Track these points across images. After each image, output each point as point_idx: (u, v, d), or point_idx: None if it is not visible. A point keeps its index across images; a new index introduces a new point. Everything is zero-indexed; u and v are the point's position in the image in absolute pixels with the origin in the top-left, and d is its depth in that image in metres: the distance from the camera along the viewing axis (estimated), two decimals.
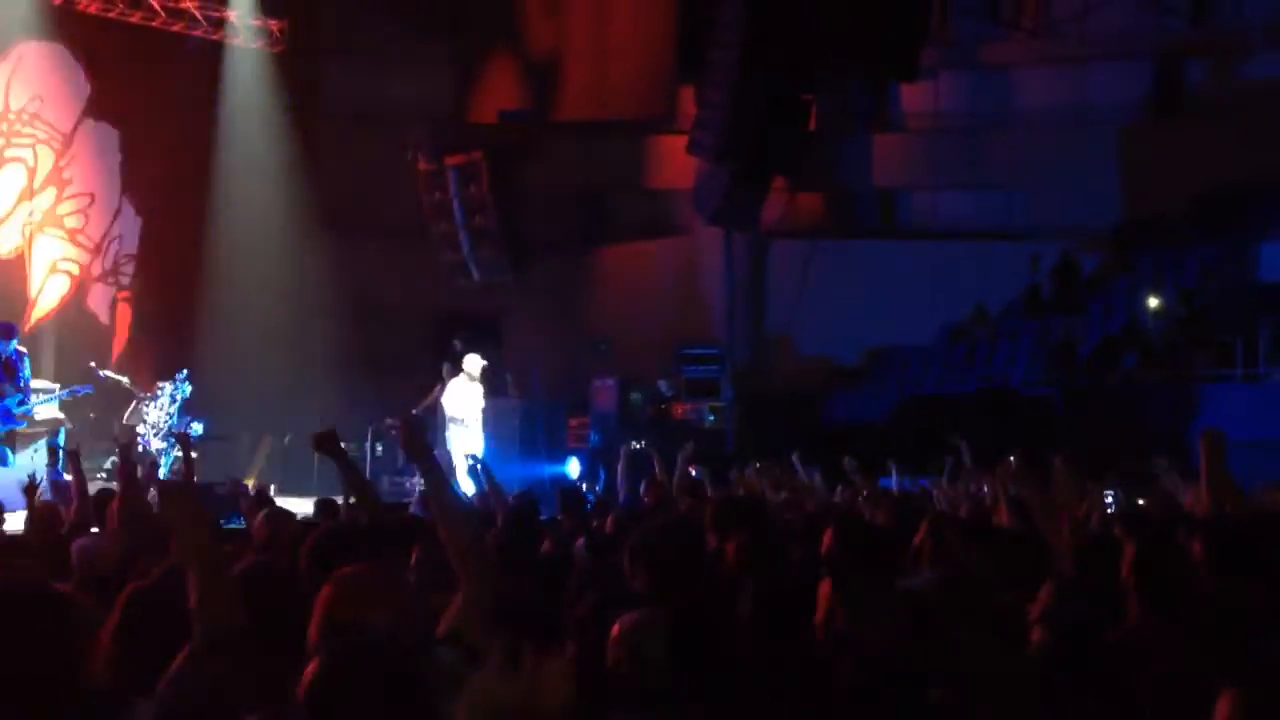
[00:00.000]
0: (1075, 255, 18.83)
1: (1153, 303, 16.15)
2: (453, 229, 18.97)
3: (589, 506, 8.50)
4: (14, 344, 13.01)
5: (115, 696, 3.53)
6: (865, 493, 7.69)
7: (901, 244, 19.45)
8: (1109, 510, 7.49)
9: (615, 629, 3.79)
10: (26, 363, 13.18)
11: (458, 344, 15.91)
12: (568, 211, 20.38)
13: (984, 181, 19.69)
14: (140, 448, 13.53)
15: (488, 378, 14.74)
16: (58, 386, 14.20)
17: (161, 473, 12.99)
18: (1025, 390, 16.29)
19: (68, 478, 8.12)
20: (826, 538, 5.67)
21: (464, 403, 14.41)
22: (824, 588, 3.73)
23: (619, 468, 10.24)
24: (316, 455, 15.64)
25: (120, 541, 5.53)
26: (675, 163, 19.34)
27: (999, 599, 4.47)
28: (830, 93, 18.69)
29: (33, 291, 16.61)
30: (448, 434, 14.28)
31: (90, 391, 14.01)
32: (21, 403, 12.87)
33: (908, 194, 20.65)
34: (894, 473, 9.34)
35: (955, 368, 17.65)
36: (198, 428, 14.15)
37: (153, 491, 7.04)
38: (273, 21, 17.98)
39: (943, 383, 17.26)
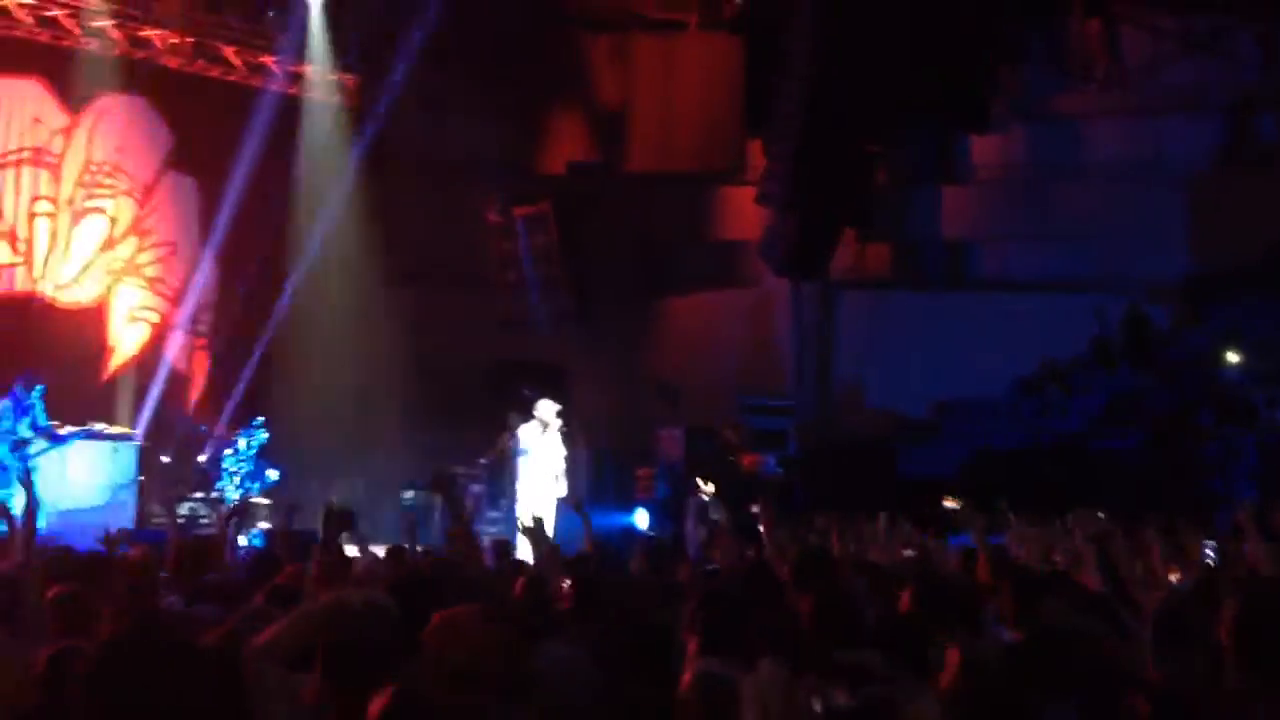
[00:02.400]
0: (1144, 308, 18.62)
1: (1228, 357, 15.93)
2: (520, 278, 19.15)
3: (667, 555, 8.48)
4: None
5: None
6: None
7: (971, 296, 19.32)
8: (1209, 564, 7.38)
9: (687, 679, 3.82)
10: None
11: (526, 392, 15.96)
12: (634, 262, 20.49)
13: (1054, 233, 19.55)
14: (215, 494, 13.77)
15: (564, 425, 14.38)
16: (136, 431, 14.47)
17: None
18: (1098, 445, 16.08)
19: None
20: (904, 598, 5.68)
21: (543, 451, 14.00)
22: (951, 655, 3.73)
23: (688, 519, 10.25)
24: (389, 503, 15.75)
25: None
26: (742, 214, 19.42)
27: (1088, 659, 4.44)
28: (899, 144, 18.71)
29: (112, 339, 16.93)
30: (520, 487, 13.88)
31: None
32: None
33: (977, 246, 20.54)
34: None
35: (1026, 421, 17.46)
36: (273, 475, 14.32)
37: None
38: (347, 76, 18.34)
39: (1013, 437, 17.07)
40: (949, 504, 7.40)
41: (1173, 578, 7.01)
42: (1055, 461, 15.23)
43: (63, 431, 13.27)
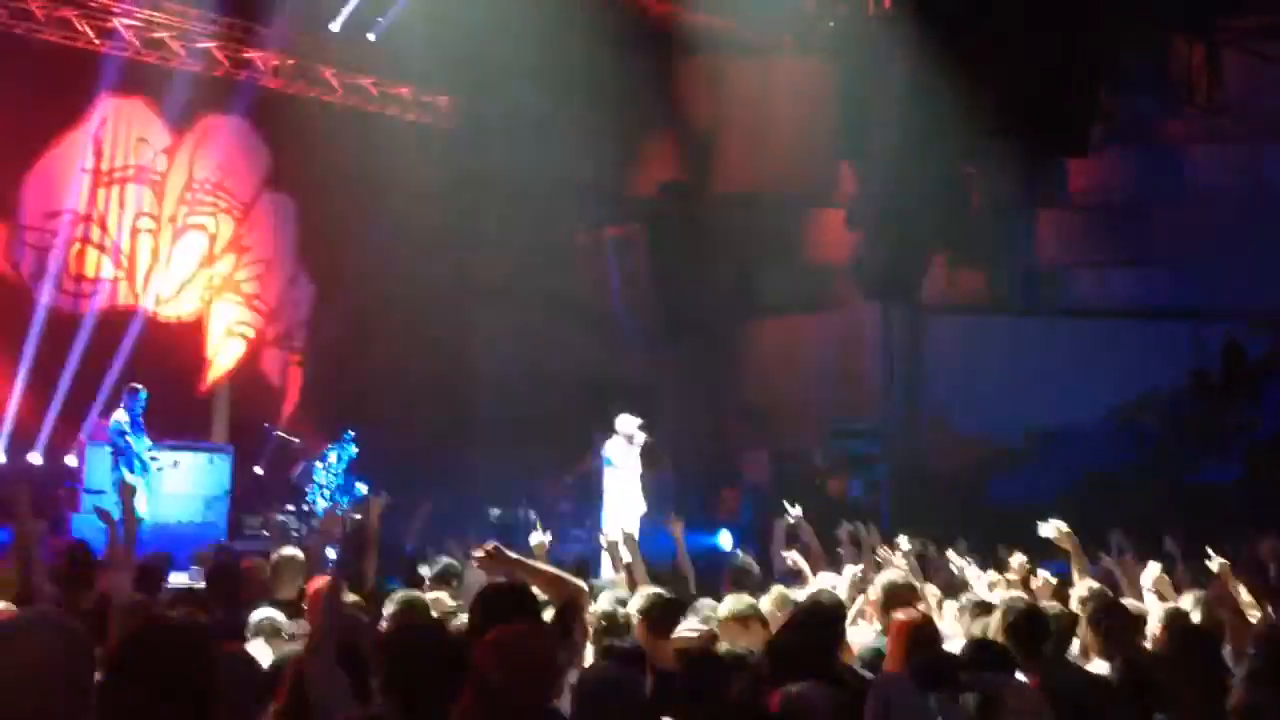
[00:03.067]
0: (1242, 338, 18.14)
1: None
2: (610, 299, 19.20)
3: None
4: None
5: None
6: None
7: (1066, 322, 18.96)
8: None
9: (776, 700, 3.79)
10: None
11: (612, 412, 15.92)
12: (723, 283, 20.43)
13: (1152, 260, 19.15)
14: (306, 507, 13.95)
15: (644, 442, 14.13)
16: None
17: None
18: (1195, 476, 15.70)
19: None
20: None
21: (627, 467, 13.69)
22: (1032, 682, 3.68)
23: (774, 542, 10.13)
24: (477, 519, 15.77)
25: None
26: (832, 236, 19.25)
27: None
28: (994, 168, 18.46)
29: (210, 353, 17.28)
30: (606, 503, 13.67)
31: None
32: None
33: (1073, 271, 20.17)
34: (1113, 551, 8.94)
35: (1122, 451, 17.09)
36: (362, 488, 14.47)
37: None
38: (442, 98, 18.58)
39: (1109, 466, 16.70)
40: (1046, 530, 7.25)
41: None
42: (1151, 492, 14.88)
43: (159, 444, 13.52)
